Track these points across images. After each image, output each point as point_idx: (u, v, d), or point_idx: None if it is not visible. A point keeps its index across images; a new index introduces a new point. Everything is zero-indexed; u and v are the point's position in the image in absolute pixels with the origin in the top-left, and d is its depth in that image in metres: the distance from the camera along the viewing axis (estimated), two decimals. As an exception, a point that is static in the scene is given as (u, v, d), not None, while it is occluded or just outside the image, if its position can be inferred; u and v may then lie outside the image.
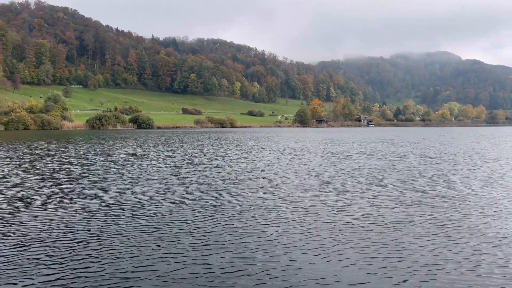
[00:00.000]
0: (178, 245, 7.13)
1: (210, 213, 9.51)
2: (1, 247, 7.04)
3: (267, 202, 10.73)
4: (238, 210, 9.78)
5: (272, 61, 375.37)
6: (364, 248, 6.95)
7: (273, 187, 13.12)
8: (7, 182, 14.45)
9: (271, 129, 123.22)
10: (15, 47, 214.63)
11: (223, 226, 8.33)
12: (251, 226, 8.31)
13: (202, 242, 7.28)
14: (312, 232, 7.90)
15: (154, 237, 7.62)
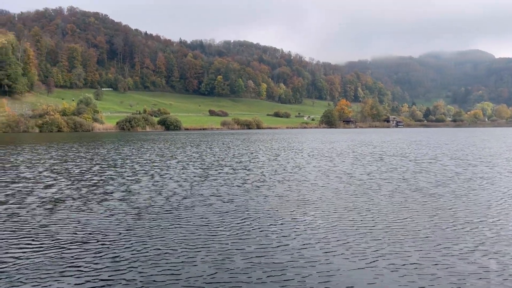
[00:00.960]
0: (206, 248, 7.06)
1: (238, 216, 9.42)
2: (33, 249, 7.15)
3: (298, 205, 10.54)
4: (268, 213, 9.64)
5: (299, 62, 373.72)
6: (397, 254, 6.68)
7: (304, 190, 12.91)
8: (39, 183, 14.84)
9: (298, 130, 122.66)
10: (49, 52, 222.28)
11: (251, 230, 8.21)
12: (280, 230, 8.16)
13: (229, 245, 7.18)
14: (344, 236, 7.67)
15: (183, 239, 7.57)
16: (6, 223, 8.89)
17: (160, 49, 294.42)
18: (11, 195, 12.28)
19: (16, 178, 16.06)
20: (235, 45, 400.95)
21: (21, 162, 22.98)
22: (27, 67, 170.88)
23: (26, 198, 11.85)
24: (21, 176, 16.64)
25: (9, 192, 12.82)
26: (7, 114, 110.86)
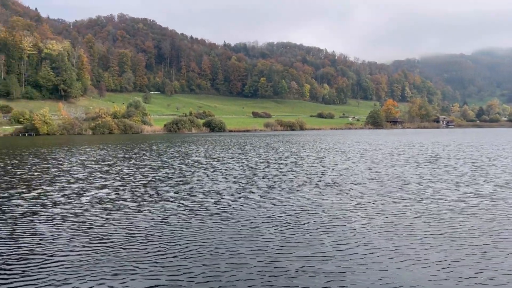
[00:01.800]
0: (256, 251, 6.97)
1: (288, 219, 9.27)
2: (85, 250, 7.38)
3: (349, 209, 10.24)
4: (319, 217, 9.42)
5: (343, 62, 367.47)
6: (458, 262, 6.27)
7: (355, 193, 12.54)
8: (92, 184, 15.44)
9: (342, 131, 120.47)
10: (101, 58, 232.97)
11: (302, 234, 8.03)
12: (332, 234, 7.93)
13: (280, 249, 7.05)
14: (399, 243, 7.32)
15: (233, 242, 7.54)
16: (63, 223, 9.28)
17: (205, 52, 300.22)
18: (66, 196, 12.86)
19: (71, 179, 16.84)
20: (278, 46, 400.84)
21: (75, 163, 24.12)
22: (81, 72, 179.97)
23: (80, 198, 12.36)
24: (75, 177, 17.42)
25: (65, 193, 13.43)
26: (63, 117, 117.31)
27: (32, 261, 6.64)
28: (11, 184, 15.47)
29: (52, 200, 11.93)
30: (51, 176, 17.79)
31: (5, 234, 8.26)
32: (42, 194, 13.11)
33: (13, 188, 14.46)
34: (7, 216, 9.92)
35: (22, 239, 7.93)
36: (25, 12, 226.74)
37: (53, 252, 7.09)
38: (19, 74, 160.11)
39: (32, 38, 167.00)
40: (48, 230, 8.57)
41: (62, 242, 7.65)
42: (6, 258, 6.79)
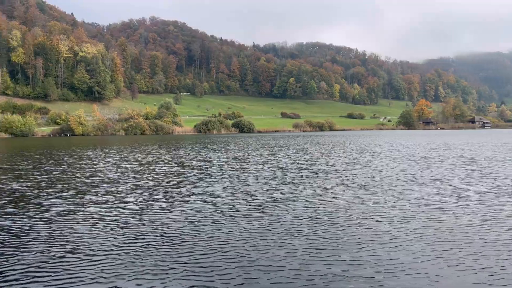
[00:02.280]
0: (288, 254, 6.84)
1: (319, 221, 9.09)
2: (119, 250, 7.45)
3: (384, 212, 9.95)
4: (353, 220, 9.19)
5: (374, 62, 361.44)
6: (499, 270, 5.94)
7: (390, 196, 12.19)
8: (125, 183, 15.71)
9: (373, 132, 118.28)
10: (133, 60, 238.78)
11: (334, 238, 7.84)
12: (367, 238, 7.70)
13: (310, 251, 6.89)
14: (438, 248, 7.02)
15: (265, 243, 7.44)
16: (98, 222, 9.45)
17: (234, 54, 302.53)
18: (101, 195, 13.13)
19: (105, 179, 17.22)
20: (308, 46, 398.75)
21: (109, 163, 24.69)
22: (114, 74, 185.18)
23: (114, 198, 12.59)
24: (110, 177, 17.81)
25: (100, 192, 13.73)
26: (97, 118, 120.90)
27: (69, 260, 6.77)
28: (48, 183, 15.97)
29: (88, 200, 12.21)
30: (86, 175, 18.27)
31: (44, 233, 8.48)
32: (78, 193, 13.45)
33: (51, 187, 14.91)
34: (46, 215, 10.21)
35: (59, 238, 8.12)
36: (61, 16, 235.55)
37: (88, 251, 7.21)
38: (56, 76, 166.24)
39: (68, 41, 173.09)
40: (84, 229, 8.74)
41: (97, 241, 7.78)
42: (45, 257, 6.95)
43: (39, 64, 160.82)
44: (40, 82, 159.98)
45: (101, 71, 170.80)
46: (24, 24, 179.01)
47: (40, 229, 8.73)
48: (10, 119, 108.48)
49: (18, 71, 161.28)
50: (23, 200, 12.23)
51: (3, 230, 8.75)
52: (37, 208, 10.95)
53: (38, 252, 7.18)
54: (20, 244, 7.66)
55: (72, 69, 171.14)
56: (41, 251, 7.22)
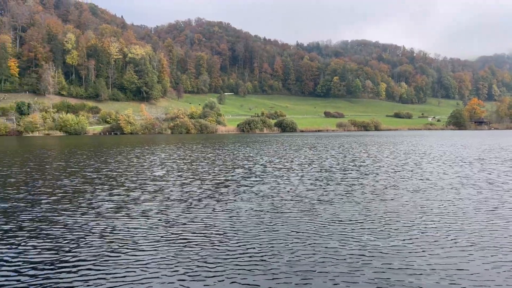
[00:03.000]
0: (333, 257, 6.59)
1: (367, 225, 8.73)
2: (166, 246, 7.51)
3: (440, 217, 9.42)
4: (405, 224, 8.76)
5: (422, 59, 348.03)
6: None
7: (444, 200, 11.56)
8: (170, 182, 15.97)
9: (421, 132, 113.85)
10: (179, 61, 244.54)
11: (385, 243, 7.48)
12: (420, 244, 7.29)
13: (358, 257, 6.60)
14: (503, 258, 6.51)
15: (310, 246, 7.23)
16: (139, 220, 9.63)
17: (278, 53, 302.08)
18: (148, 193, 13.42)
19: (152, 177, 17.62)
20: (353, 44, 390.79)
21: (157, 161, 25.32)
22: (161, 75, 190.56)
23: (161, 196, 12.82)
24: (157, 175, 18.22)
25: (147, 190, 14.04)
26: (145, 118, 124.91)
27: (117, 255, 6.91)
28: (100, 180, 16.57)
29: (135, 197, 12.52)
30: (134, 173, 18.81)
31: (96, 229, 8.75)
32: (127, 190, 13.84)
33: (102, 184, 15.46)
34: (96, 211, 10.56)
35: (110, 233, 8.34)
36: (112, 19, 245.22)
37: (136, 246, 7.34)
38: (106, 77, 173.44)
39: (118, 43, 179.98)
40: (131, 225, 8.93)
41: (144, 237, 7.91)
42: (94, 253, 7.15)
43: (91, 66, 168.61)
44: (92, 83, 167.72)
45: (148, 71, 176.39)
46: (78, 28, 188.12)
47: (91, 225, 9.02)
48: (65, 118, 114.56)
49: (72, 73, 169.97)
50: (76, 196, 12.75)
51: (58, 225, 9.11)
52: (88, 204, 11.37)
53: (90, 246, 7.40)
54: (74, 239, 7.93)
55: (121, 70, 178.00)
56: (93, 246, 7.43)
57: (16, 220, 9.52)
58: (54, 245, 7.57)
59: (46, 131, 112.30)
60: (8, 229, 8.77)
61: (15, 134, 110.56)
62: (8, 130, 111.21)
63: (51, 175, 18.27)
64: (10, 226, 8.98)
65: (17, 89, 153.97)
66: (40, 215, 10.02)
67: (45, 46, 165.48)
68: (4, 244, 7.64)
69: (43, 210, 10.67)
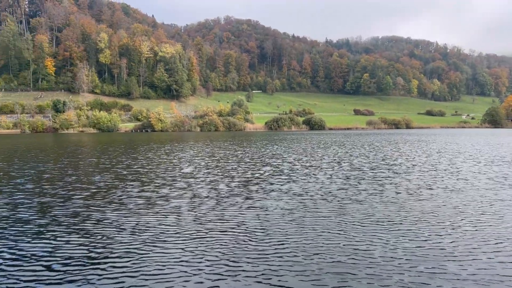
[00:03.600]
0: (361, 258, 6.42)
1: (401, 226, 8.47)
2: (196, 244, 7.52)
3: (480, 220, 9.03)
4: (441, 226, 8.45)
5: (456, 55, 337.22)
6: None
7: (484, 201, 11.10)
8: (199, 179, 16.07)
9: (455, 131, 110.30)
10: (208, 59, 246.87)
11: (421, 245, 7.23)
12: (459, 248, 7.00)
13: (390, 259, 6.39)
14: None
15: (339, 247, 7.08)
16: (168, 217, 9.70)
17: (306, 50, 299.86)
18: (175, 189, 13.54)
19: (181, 173, 17.80)
20: (383, 40, 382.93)
21: (186, 158, 25.60)
22: (190, 73, 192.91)
23: (190, 193, 12.90)
24: (186, 172, 18.39)
25: (176, 186, 14.18)
26: (175, 115, 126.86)
27: (147, 252, 6.98)
28: (131, 176, 16.88)
29: (164, 194, 12.66)
30: (164, 170, 19.07)
31: (125, 226, 8.89)
32: (156, 187, 14.02)
33: (133, 180, 15.73)
34: (126, 207, 10.74)
35: (139, 230, 8.45)
36: (143, 19, 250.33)
37: (163, 244, 7.39)
38: (138, 76, 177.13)
39: (149, 42, 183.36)
40: (160, 222, 9.02)
41: (174, 234, 7.96)
42: (124, 249, 7.25)
43: (123, 64, 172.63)
44: (124, 81, 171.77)
45: (178, 70, 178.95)
46: (111, 27, 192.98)
47: (122, 221, 9.18)
48: (98, 115, 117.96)
49: (105, 71, 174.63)
50: (108, 192, 13.02)
51: (90, 220, 9.32)
52: (119, 200, 11.58)
53: (121, 242, 7.52)
54: (107, 234, 8.09)
55: (152, 68, 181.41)
56: (123, 242, 7.54)
57: (50, 215, 9.81)
58: (85, 240, 7.74)
59: (80, 128, 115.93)
60: (42, 223, 9.03)
61: (51, 131, 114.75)
62: (45, 127, 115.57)
63: (84, 171, 18.79)
64: (45, 221, 9.25)
65: (53, 88, 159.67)
66: (72, 211, 10.29)
67: (80, 45, 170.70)
68: (39, 239, 7.87)
69: (75, 205, 10.95)
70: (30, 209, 10.47)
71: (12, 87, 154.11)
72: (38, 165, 21.44)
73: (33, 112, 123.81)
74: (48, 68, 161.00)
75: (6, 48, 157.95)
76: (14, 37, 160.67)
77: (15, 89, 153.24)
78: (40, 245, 7.45)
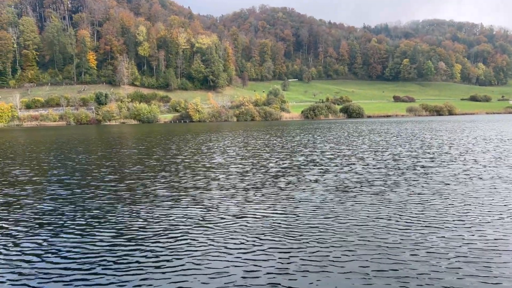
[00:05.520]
0: (414, 249, 6.43)
1: (448, 220, 8.38)
2: (222, 237, 7.76)
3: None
4: (492, 226, 8.29)
5: (503, 37, 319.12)
6: None
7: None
8: (235, 168, 16.32)
9: (502, 117, 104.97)
10: (244, 49, 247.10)
11: (475, 248, 7.14)
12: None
13: (445, 259, 6.35)
14: None
15: (376, 236, 7.12)
16: (195, 208, 10.02)
17: (343, 36, 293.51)
18: (218, 179, 13.87)
19: (216, 163, 18.17)
20: (424, 24, 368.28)
21: (225, 146, 26.03)
22: (226, 64, 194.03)
23: (209, 185, 13.19)
24: (220, 162, 18.75)
25: (210, 176, 14.52)
26: (212, 106, 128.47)
27: (177, 245, 7.31)
28: (169, 166, 17.43)
29: (199, 184, 13.02)
30: (200, 159, 19.53)
31: (157, 217, 9.29)
32: (190, 177, 14.42)
33: (168, 171, 16.23)
34: (159, 198, 11.17)
35: (168, 221, 8.82)
36: (180, 11, 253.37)
37: (193, 236, 7.70)
38: (175, 67, 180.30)
39: (186, 34, 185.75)
40: (192, 213, 9.35)
41: (206, 224, 8.26)
42: (154, 240, 7.60)
43: (161, 56, 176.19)
44: (162, 73, 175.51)
45: (215, 60, 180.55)
46: (148, 20, 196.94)
47: (154, 212, 9.59)
48: (138, 107, 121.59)
49: (144, 64, 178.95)
50: (144, 183, 13.54)
51: (126, 214, 9.80)
52: (152, 191, 12.04)
53: (155, 235, 7.87)
54: (141, 226, 8.51)
55: (189, 59, 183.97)
56: (154, 233, 7.91)
57: (81, 207, 10.39)
58: (116, 232, 8.06)
59: (121, 120, 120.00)
60: (74, 216, 9.59)
61: (94, 122, 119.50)
62: (89, 119, 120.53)
63: (121, 162, 19.56)
64: (76, 214, 9.81)
65: (96, 81, 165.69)
66: (105, 202, 10.84)
67: (119, 39, 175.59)
68: (70, 230, 8.36)
69: (108, 197, 11.51)
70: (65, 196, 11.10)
71: (58, 81, 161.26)
72: (78, 156, 22.52)
73: (77, 105, 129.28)
74: (90, 62, 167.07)
75: (51, 44, 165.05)
76: (58, 33, 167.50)
77: (60, 83, 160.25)
78: (69, 236, 7.89)
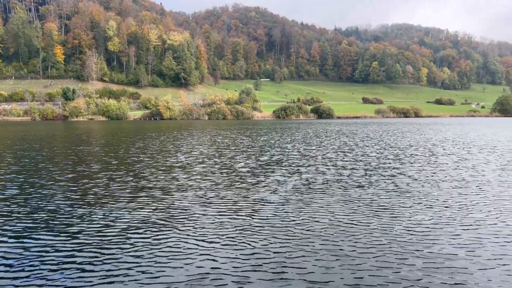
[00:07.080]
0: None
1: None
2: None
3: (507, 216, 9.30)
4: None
5: (467, 43, 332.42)
6: None
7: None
8: (197, 167, 16.37)
9: (465, 120, 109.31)
10: (216, 47, 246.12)
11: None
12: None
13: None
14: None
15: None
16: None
17: (315, 38, 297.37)
18: (192, 175, 13.88)
19: (180, 162, 18.13)
20: (393, 28, 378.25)
21: (199, 144, 25.95)
22: (198, 61, 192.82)
23: (172, 184, 13.22)
24: (181, 161, 18.71)
25: (190, 173, 14.51)
26: (183, 104, 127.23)
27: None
28: (135, 165, 17.26)
29: (153, 185, 13.02)
30: (166, 157, 19.43)
31: (109, 217, 9.27)
32: (152, 177, 14.37)
33: (131, 170, 16.10)
34: (116, 199, 11.12)
35: (126, 222, 8.84)
36: (151, 6, 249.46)
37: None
38: (146, 64, 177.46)
39: (157, 30, 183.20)
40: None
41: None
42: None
43: (131, 52, 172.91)
44: (132, 69, 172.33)
45: (187, 58, 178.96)
46: (119, 15, 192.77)
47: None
48: (107, 103, 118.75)
49: (113, 59, 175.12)
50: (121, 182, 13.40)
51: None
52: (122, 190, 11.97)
53: (113, 236, 7.91)
54: (98, 228, 8.49)
55: (160, 56, 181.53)
56: (118, 235, 7.94)
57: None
58: (69, 236, 8.09)
59: (89, 116, 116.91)
60: (24, 218, 9.44)
61: (61, 118, 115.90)
62: (55, 114, 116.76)
63: (82, 160, 19.21)
64: (28, 216, 9.65)
65: (63, 75, 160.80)
66: (60, 203, 10.69)
67: (88, 33, 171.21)
68: (15, 235, 8.28)
69: (63, 197, 11.36)
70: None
71: (22, 75, 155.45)
72: (35, 154, 21.93)
73: (43, 100, 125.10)
74: (57, 56, 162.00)
75: (16, 36, 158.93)
76: (23, 25, 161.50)
77: (25, 77, 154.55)
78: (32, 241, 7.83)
